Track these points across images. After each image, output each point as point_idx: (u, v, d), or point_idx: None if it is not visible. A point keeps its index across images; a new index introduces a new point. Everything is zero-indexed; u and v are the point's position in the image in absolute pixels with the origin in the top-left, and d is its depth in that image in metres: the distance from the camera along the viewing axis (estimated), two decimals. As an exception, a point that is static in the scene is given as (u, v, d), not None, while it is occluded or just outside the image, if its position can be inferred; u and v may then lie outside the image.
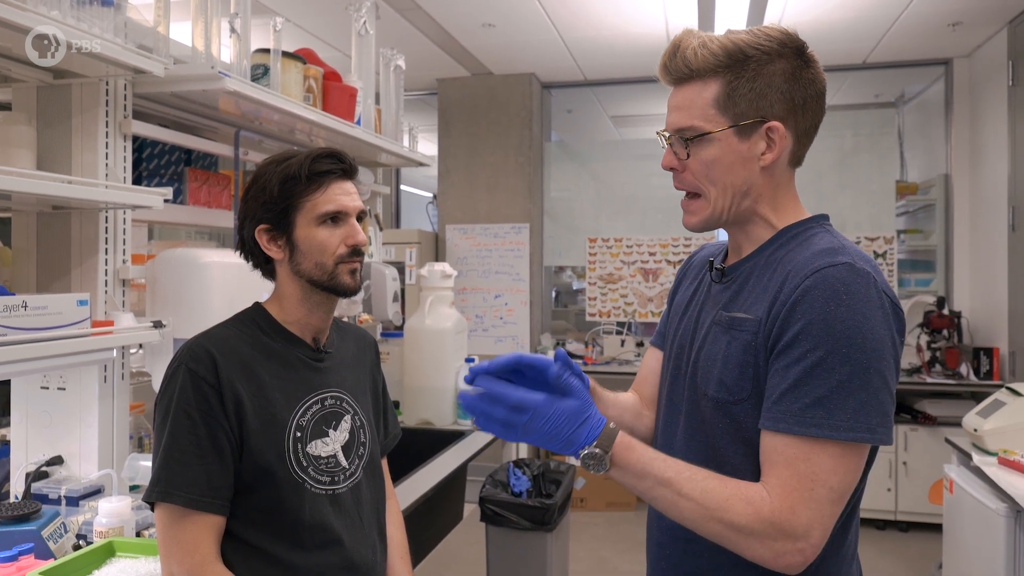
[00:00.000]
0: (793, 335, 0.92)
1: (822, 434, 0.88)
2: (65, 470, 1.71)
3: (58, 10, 1.39)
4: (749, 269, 1.05)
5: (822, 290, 0.91)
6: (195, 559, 1.13)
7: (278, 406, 1.22)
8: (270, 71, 2.05)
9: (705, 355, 1.04)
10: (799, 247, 1.00)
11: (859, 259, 0.94)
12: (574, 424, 0.94)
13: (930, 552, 3.90)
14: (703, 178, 1.02)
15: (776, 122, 0.98)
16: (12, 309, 1.35)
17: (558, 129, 5.95)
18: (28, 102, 1.71)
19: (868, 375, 0.89)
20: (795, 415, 0.90)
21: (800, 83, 0.99)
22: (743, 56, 0.97)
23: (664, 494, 0.93)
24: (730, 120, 0.99)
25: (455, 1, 3.81)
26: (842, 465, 0.89)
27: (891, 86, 5.35)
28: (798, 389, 0.90)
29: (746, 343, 0.98)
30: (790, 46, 0.99)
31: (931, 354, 4.38)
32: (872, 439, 0.89)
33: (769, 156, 0.99)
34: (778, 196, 1.04)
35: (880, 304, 0.91)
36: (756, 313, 0.98)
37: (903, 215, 5.19)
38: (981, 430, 2.73)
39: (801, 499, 0.88)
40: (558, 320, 5.86)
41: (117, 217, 1.75)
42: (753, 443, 0.97)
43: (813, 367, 0.89)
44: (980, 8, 3.87)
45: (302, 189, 1.23)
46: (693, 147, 1.01)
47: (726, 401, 0.99)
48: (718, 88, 0.99)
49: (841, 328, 0.89)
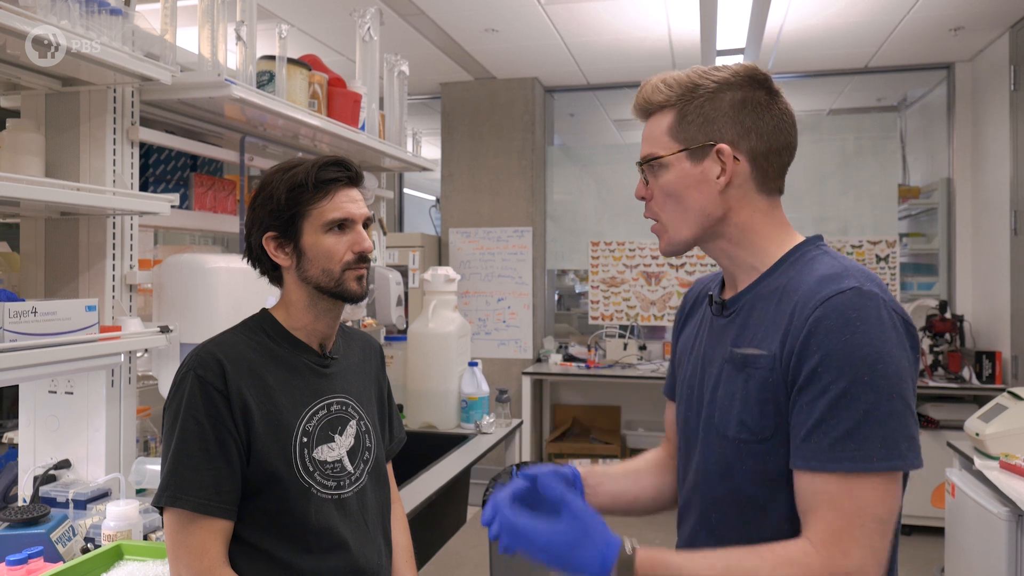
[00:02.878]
0: (812, 369, 0.91)
1: (856, 467, 0.87)
2: (73, 473, 1.73)
3: (67, 19, 1.41)
4: (751, 300, 1.04)
5: (834, 320, 0.91)
6: (203, 563, 1.14)
7: (285, 411, 1.24)
8: (275, 78, 2.06)
9: (722, 395, 1.02)
10: (799, 274, 0.99)
11: (864, 280, 0.94)
12: (577, 550, 0.92)
13: (932, 556, 3.90)
14: (662, 204, 1.06)
15: (723, 144, 1.01)
16: (22, 315, 1.36)
17: (561, 133, 5.97)
18: (37, 109, 1.73)
19: (892, 401, 0.88)
20: (826, 451, 0.89)
21: (751, 109, 1.02)
22: (693, 87, 1.03)
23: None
24: (681, 144, 1.03)
25: (458, 6, 3.83)
26: (885, 495, 0.88)
27: (893, 90, 5.36)
28: (826, 423, 0.89)
29: (763, 380, 0.96)
30: (742, 76, 1.03)
31: (933, 358, 4.38)
32: (904, 465, 0.88)
33: (723, 179, 1.02)
34: (757, 223, 1.04)
35: (893, 325, 0.91)
36: (769, 348, 0.97)
37: (905, 219, 5.19)
38: (983, 434, 2.74)
39: (851, 538, 0.87)
40: (561, 323, 5.87)
41: (124, 223, 1.76)
42: (779, 482, 0.95)
43: (838, 399, 0.89)
44: (981, 13, 3.88)
45: (309, 197, 1.24)
46: (652, 175, 1.06)
47: (749, 441, 0.98)
48: (671, 118, 1.04)
49: (860, 356, 0.89)
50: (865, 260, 4.83)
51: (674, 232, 1.06)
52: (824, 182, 4.93)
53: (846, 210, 4.90)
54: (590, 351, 5.13)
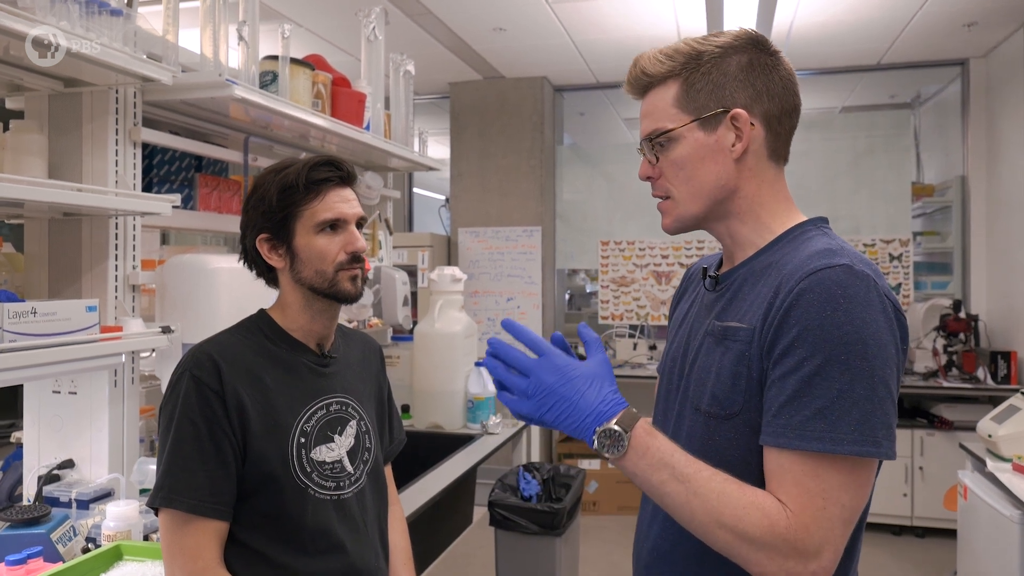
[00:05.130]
0: (788, 343, 0.88)
1: (825, 448, 0.84)
2: (76, 473, 1.74)
3: (67, 20, 1.41)
4: (743, 276, 1.01)
5: (818, 293, 0.87)
6: (198, 564, 1.14)
7: (282, 412, 1.23)
8: (278, 78, 2.06)
9: (699, 368, 1.00)
10: (794, 250, 0.96)
11: (858, 261, 0.90)
12: (590, 386, 0.90)
13: (946, 559, 3.85)
14: (674, 179, 1.01)
15: (739, 109, 0.97)
16: (21, 315, 1.37)
17: (570, 132, 5.95)
18: (40, 110, 1.74)
19: (872, 384, 0.85)
20: (795, 428, 0.85)
21: (760, 70, 0.98)
22: (696, 54, 0.99)
23: (678, 490, 0.87)
24: (692, 115, 0.99)
25: (465, 5, 3.82)
26: (852, 480, 0.85)
27: (907, 87, 5.30)
28: (797, 400, 0.86)
29: (739, 353, 0.94)
30: (744, 39, 0.99)
31: (947, 358, 4.33)
32: (878, 453, 0.84)
33: (740, 146, 0.98)
34: (764, 195, 1.01)
35: (882, 308, 0.87)
36: (750, 322, 0.94)
37: (919, 217, 5.13)
38: (995, 436, 2.70)
39: (813, 518, 0.84)
40: (571, 323, 5.85)
41: (127, 223, 1.77)
42: (745, 461, 0.92)
43: (811, 376, 0.85)
44: (996, 8, 3.83)
45: (300, 198, 1.24)
46: (661, 150, 1.01)
47: (718, 415, 0.95)
48: (677, 88, 1.00)
49: (839, 334, 0.85)
50: (878, 259, 4.78)
51: (684, 207, 1.02)
52: (836, 180, 4.88)
53: (859, 208, 4.85)
54: (600, 351, 5.10)
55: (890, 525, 4.28)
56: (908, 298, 4.73)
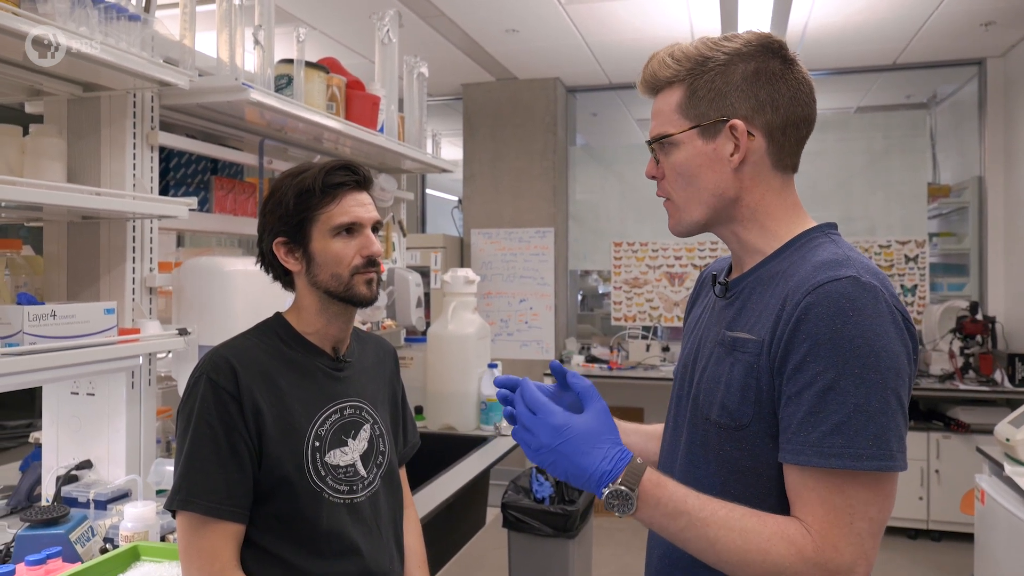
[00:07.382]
0: (800, 359, 0.87)
1: (845, 465, 0.84)
2: (94, 474, 1.75)
3: (86, 26, 1.42)
4: (752, 284, 1.01)
5: (826, 307, 0.86)
6: (215, 567, 1.15)
7: (297, 416, 1.24)
8: (293, 81, 2.08)
9: (708, 377, 1.00)
10: (801, 259, 0.96)
11: (865, 272, 0.89)
12: (590, 444, 0.90)
13: (962, 563, 3.82)
14: (674, 183, 1.02)
15: (738, 120, 0.97)
16: (41, 318, 1.38)
17: (583, 132, 5.94)
18: (59, 115, 1.76)
19: (885, 396, 0.84)
20: (814, 445, 0.85)
21: (766, 80, 0.97)
22: (703, 60, 0.98)
23: (699, 535, 0.87)
24: (693, 121, 0.99)
25: (479, 7, 3.83)
26: (877, 494, 0.85)
27: (923, 87, 5.25)
28: (814, 417, 0.85)
29: (748, 365, 0.93)
30: (755, 46, 0.98)
31: (964, 360, 4.28)
32: (894, 466, 0.84)
33: (737, 157, 0.97)
34: (769, 203, 1.00)
35: (892, 319, 0.87)
36: (759, 333, 0.93)
37: (935, 218, 5.09)
38: (1013, 439, 2.67)
39: (842, 534, 0.84)
40: (583, 324, 5.84)
41: (144, 226, 1.78)
42: (757, 472, 0.93)
43: (826, 391, 0.85)
44: (1013, 7, 3.79)
45: (316, 202, 1.24)
46: (663, 153, 1.02)
47: (728, 426, 0.95)
48: (681, 93, 1.00)
49: (850, 347, 0.84)
50: (894, 261, 4.74)
51: (685, 213, 1.03)
52: (852, 181, 4.84)
53: (874, 210, 4.81)
54: (612, 352, 5.09)
55: (906, 528, 4.25)
56: (924, 300, 4.69)
